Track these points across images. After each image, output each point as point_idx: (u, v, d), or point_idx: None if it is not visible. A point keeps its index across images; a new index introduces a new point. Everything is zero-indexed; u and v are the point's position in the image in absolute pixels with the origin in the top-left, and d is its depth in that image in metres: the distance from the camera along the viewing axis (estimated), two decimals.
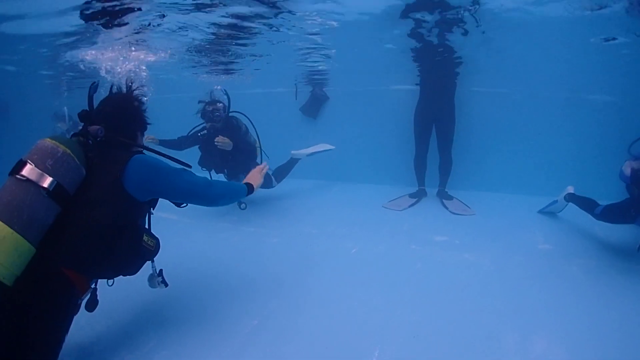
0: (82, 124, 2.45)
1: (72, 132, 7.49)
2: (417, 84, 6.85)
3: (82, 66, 7.06)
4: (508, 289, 3.45)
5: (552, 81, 6.67)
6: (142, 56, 6.26)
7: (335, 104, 8.27)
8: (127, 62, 6.49)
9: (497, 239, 4.66)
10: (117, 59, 6.34)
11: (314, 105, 8.28)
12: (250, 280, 3.70)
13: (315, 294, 3.43)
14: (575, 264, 3.99)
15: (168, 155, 2.67)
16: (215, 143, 5.11)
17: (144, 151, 2.62)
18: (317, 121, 8.42)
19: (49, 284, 2.12)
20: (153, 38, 5.20)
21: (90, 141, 2.40)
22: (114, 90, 2.65)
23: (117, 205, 2.30)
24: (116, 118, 2.52)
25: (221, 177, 5.79)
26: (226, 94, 5.43)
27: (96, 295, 2.54)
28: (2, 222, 1.93)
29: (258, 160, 5.88)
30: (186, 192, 2.57)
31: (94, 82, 2.59)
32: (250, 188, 2.98)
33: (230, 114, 5.52)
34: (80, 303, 2.39)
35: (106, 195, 2.28)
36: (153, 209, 2.68)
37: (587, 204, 4.66)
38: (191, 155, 4.99)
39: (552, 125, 6.70)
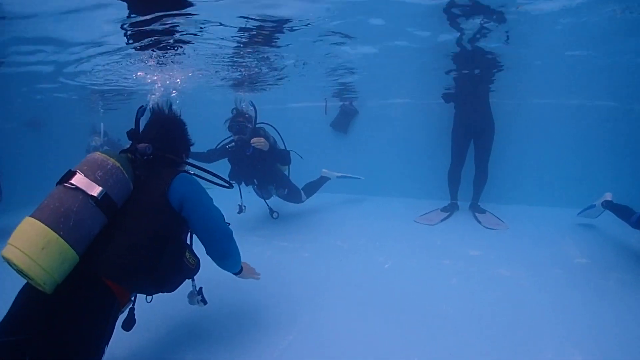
0: (130, 141, 2.54)
1: (105, 148, 7.65)
2: (453, 96, 6.81)
3: (118, 84, 7.24)
4: (545, 305, 3.38)
5: (589, 91, 6.55)
6: (176, 74, 6.38)
7: (365, 118, 8.28)
8: (165, 80, 6.63)
9: (532, 253, 4.58)
10: (152, 77, 6.49)
11: (344, 120, 8.32)
12: (284, 294, 3.74)
13: (350, 309, 3.43)
14: (612, 278, 3.90)
15: (211, 172, 2.74)
16: (252, 144, 5.13)
17: (190, 170, 2.69)
18: (347, 136, 8.41)
19: (91, 293, 2.13)
20: (188, 56, 5.29)
21: (137, 158, 2.47)
22: (155, 110, 2.74)
23: (162, 219, 2.34)
24: (163, 137, 2.61)
25: (251, 190, 5.86)
26: (253, 105, 5.48)
27: (134, 315, 2.55)
28: (48, 226, 1.96)
29: (286, 172, 5.95)
30: (208, 227, 2.55)
31: (142, 106, 2.70)
32: (240, 270, 2.91)
33: (257, 126, 5.56)
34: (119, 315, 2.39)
35: (152, 209, 2.33)
36: None
37: (623, 212, 4.58)
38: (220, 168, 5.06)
39: (586, 135, 6.57)
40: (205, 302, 2.93)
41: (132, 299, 2.47)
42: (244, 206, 5.70)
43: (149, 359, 2.79)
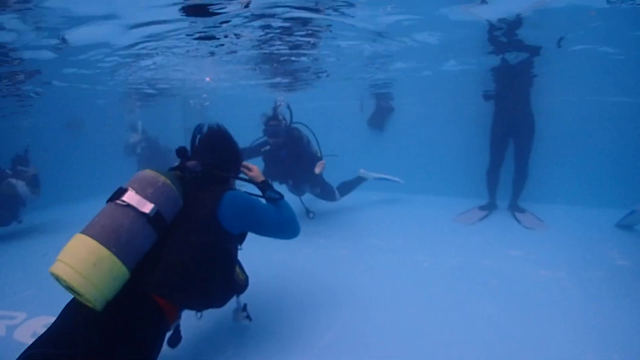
0: (179, 158, 2.57)
1: (142, 144, 7.76)
2: (492, 95, 6.77)
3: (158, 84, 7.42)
4: (587, 308, 3.35)
5: (636, 88, 6.41)
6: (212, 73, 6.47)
7: (401, 115, 8.27)
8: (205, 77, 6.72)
9: (573, 254, 4.54)
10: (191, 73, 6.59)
11: (380, 118, 8.34)
12: (324, 291, 3.80)
13: (390, 307, 3.48)
14: None
15: (259, 195, 2.80)
16: (316, 170, 5.28)
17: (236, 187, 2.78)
18: (383, 133, 8.41)
19: (140, 310, 2.12)
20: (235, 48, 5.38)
21: (186, 175, 2.49)
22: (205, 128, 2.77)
23: (211, 236, 2.35)
24: (212, 154, 2.64)
25: (284, 188, 5.91)
26: (288, 107, 5.54)
27: (179, 331, 2.55)
28: (100, 243, 1.95)
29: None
30: (272, 229, 2.68)
31: (200, 124, 2.72)
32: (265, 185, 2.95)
33: (292, 126, 5.63)
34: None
35: (202, 226, 2.34)
36: (241, 245, 2.73)
37: None
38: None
39: (629, 135, 6.43)
40: (250, 319, 2.99)
41: (180, 316, 2.46)
42: None
43: (189, 353, 2.83)
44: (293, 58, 5.79)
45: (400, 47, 5.21)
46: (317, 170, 5.23)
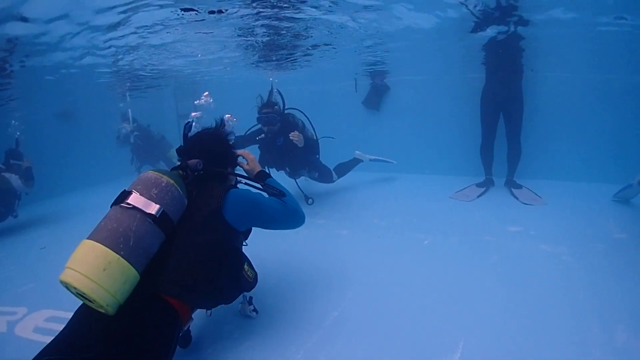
0: (180, 158, 2.60)
1: (135, 134, 7.70)
2: (483, 64, 6.75)
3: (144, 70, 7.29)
4: (588, 281, 3.37)
5: (629, 64, 6.38)
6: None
7: (397, 94, 8.23)
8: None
9: (572, 228, 4.56)
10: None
11: (375, 97, 8.30)
12: (325, 272, 3.81)
13: (393, 285, 3.49)
14: None
15: (260, 187, 2.84)
16: (290, 138, 5.18)
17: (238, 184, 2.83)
18: (379, 113, 8.37)
19: (154, 312, 2.13)
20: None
21: (189, 174, 2.49)
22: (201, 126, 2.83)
23: (218, 234, 2.38)
24: (212, 151, 2.66)
25: (282, 175, 5.92)
26: (280, 93, 5.47)
27: (189, 331, 2.58)
28: (108, 247, 1.95)
29: (318, 155, 6.02)
30: (278, 222, 2.72)
31: (188, 122, 2.74)
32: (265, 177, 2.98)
33: (286, 111, 5.58)
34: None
35: (208, 225, 2.36)
36: (246, 240, 2.80)
37: None
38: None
39: (623, 109, 6.40)
40: (257, 312, 3.03)
41: (192, 316, 2.47)
42: None
43: (194, 335, 2.82)
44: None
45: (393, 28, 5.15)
46: (295, 140, 5.17)
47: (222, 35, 5.32)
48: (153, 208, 2.14)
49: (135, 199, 2.13)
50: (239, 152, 2.93)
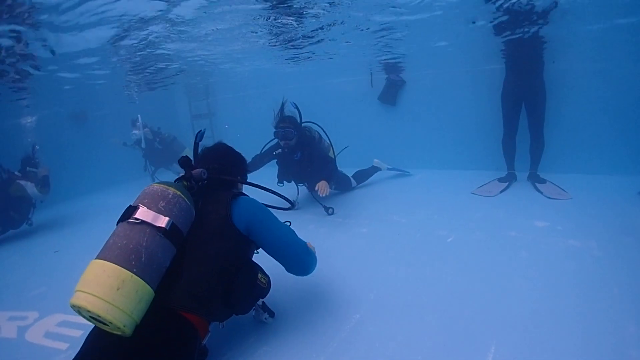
0: (183, 168, 2.50)
1: (146, 139, 7.61)
2: (503, 60, 6.54)
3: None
4: (621, 277, 3.23)
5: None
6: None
7: (413, 88, 8.08)
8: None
9: (600, 222, 4.39)
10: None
11: (391, 92, 8.16)
12: (346, 272, 3.70)
13: (417, 286, 3.36)
14: None
15: (270, 190, 2.77)
16: (316, 189, 5.08)
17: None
18: (396, 108, 8.22)
19: (172, 329, 2.07)
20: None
21: (194, 184, 2.44)
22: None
23: (230, 243, 2.33)
24: (217, 159, 2.65)
25: (303, 188, 5.89)
26: (296, 107, 5.37)
27: (205, 345, 2.47)
28: (120, 266, 1.89)
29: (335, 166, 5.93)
30: (282, 246, 2.55)
31: (201, 131, 2.72)
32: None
33: (303, 125, 5.51)
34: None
35: (218, 234, 2.31)
36: (257, 249, 2.67)
37: None
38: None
39: None
40: (272, 315, 2.93)
41: (210, 329, 2.40)
42: (298, 202, 5.81)
43: (210, 341, 2.71)
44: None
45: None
46: (321, 193, 5.04)
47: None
48: (162, 221, 2.08)
49: (143, 214, 2.08)
50: None
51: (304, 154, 5.35)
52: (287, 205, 2.91)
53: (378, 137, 8.42)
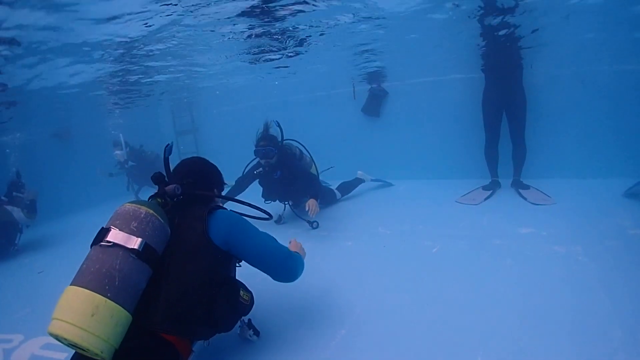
0: (156, 185, 2.42)
1: (130, 163, 7.52)
2: (481, 69, 6.61)
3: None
4: (607, 282, 3.21)
5: (632, 55, 6.22)
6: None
7: (396, 99, 8.09)
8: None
9: (584, 227, 4.38)
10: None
11: (375, 103, 8.17)
12: (332, 286, 3.64)
13: (403, 298, 3.33)
14: None
15: (247, 203, 2.70)
16: (307, 210, 4.99)
17: (224, 206, 2.63)
18: (380, 119, 8.25)
19: (152, 354, 2.04)
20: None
21: (168, 201, 2.37)
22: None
23: (209, 260, 2.26)
24: (192, 175, 2.56)
25: (287, 207, 5.80)
26: (278, 125, 5.33)
27: None
28: (93, 291, 1.84)
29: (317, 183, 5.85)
30: (264, 255, 2.50)
31: (168, 145, 2.59)
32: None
33: (285, 142, 5.47)
34: None
35: (197, 251, 2.24)
36: (239, 262, 2.62)
37: None
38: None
39: (626, 102, 6.20)
40: (257, 334, 2.85)
41: (193, 349, 2.36)
42: (284, 217, 5.79)
43: None
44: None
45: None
46: (311, 214, 4.98)
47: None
48: (135, 242, 2.02)
49: (114, 236, 2.01)
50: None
51: (284, 172, 5.29)
52: (266, 216, 2.80)
53: (362, 148, 8.40)
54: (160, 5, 3.88)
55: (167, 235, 2.22)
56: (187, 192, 2.42)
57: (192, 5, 3.98)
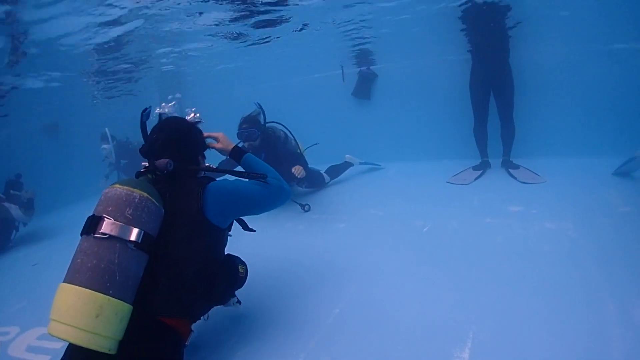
0: (146, 159, 2.31)
1: (121, 158, 7.45)
2: (468, 51, 6.58)
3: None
4: (597, 257, 3.23)
5: (622, 34, 6.22)
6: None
7: (385, 81, 8.06)
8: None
9: (574, 205, 4.39)
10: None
11: (365, 86, 8.14)
12: (324, 268, 3.66)
13: (395, 278, 3.34)
14: None
15: (237, 172, 2.56)
16: (293, 172, 5.03)
17: (212, 176, 2.54)
18: (370, 102, 8.22)
19: (154, 339, 2.02)
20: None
21: (158, 176, 2.25)
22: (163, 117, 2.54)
23: (205, 238, 2.21)
24: (180, 146, 2.38)
25: None
26: (260, 107, 5.24)
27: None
28: (95, 290, 1.75)
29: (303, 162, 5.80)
30: (258, 205, 2.50)
31: (146, 109, 2.43)
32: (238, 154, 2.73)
33: (267, 125, 5.36)
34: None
35: (193, 232, 2.17)
36: (230, 232, 2.56)
37: None
38: None
39: (620, 80, 6.20)
40: (239, 302, 2.74)
41: (193, 328, 2.34)
42: None
43: (191, 344, 2.68)
44: None
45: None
46: (297, 174, 5.03)
47: None
48: (133, 233, 1.90)
49: (110, 227, 1.87)
50: (205, 134, 2.65)
51: (269, 154, 5.21)
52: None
53: (350, 132, 8.38)
54: None
55: (162, 215, 2.11)
56: (177, 166, 2.26)
57: None
